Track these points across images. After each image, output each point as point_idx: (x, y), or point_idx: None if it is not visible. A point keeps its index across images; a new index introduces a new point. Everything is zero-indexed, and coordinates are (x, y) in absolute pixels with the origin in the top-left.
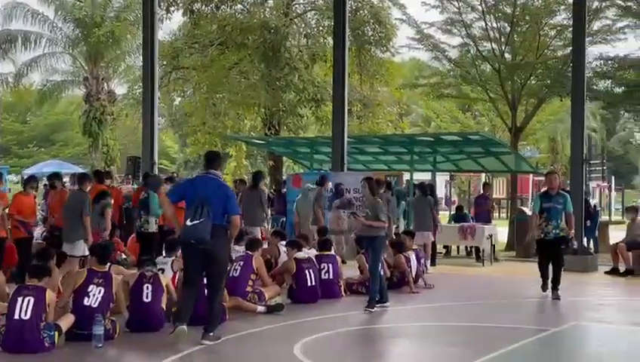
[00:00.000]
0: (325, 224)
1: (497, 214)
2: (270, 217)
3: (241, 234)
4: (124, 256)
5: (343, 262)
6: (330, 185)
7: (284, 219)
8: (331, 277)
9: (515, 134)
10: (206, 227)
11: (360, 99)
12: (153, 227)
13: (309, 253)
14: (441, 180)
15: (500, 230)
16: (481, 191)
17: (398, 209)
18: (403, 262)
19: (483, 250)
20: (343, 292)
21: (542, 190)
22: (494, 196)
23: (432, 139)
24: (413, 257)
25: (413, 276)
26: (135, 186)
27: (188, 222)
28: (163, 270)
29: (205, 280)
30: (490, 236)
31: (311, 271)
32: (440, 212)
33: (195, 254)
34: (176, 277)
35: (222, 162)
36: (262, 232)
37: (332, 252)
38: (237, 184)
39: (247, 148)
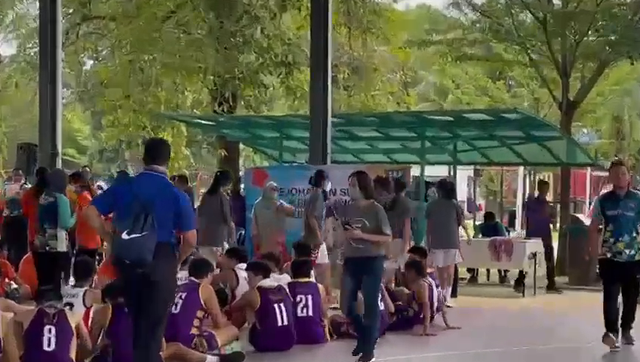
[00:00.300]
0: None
1: None
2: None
3: (244, 250)
4: (14, 285)
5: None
6: (329, 185)
7: (243, 232)
8: (311, 313)
9: (566, 112)
10: (148, 243)
11: (349, 62)
12: (62, 244)
13: (280, 279)
14: (462, 176)
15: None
16: (536, 194)
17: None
18: (426, 290)
19: (524, 274)
20: (327, 335)
21: (603, 190)
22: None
23: (450, 118)
24: (434, 285)
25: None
26: (28, 185)
27: (124, 236)
28: (72, 305)
29: (136, 320)
30: (534, 255)
31: (282, 305)
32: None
33: (131, 279)
34: (90, 315)
35: (169, 155)
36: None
37: (312, 278)
38: (175, 183)
39: (189, 131)
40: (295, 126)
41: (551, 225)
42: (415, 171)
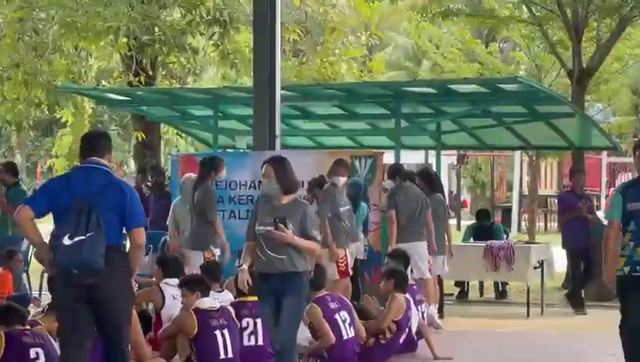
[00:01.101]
0: None
1: (545, 223)
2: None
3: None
4: None
5: None
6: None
7: (168, 238)
8: (260, 342)
9: (578, 81)
10: (96, 246)
11: (300, 20)
12: None
13: (222, 298)
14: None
15: (556, 252)
16: (566, 184)
17: (357, 214)
18: (403, 306)
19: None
20: None
21: (622, 182)
22: (540, 191)
23: (433, 90)
24: (412, 302)
25: (412, 333)
26: None
27: (65, 240)
28: None
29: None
30: (542, 263)
31: (225, 332)
32: None
33: (76, 295)
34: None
35: (110, 146)
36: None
37: None
38: None
39: (96, 109)
40: (234, 101)
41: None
42: (388, 158)
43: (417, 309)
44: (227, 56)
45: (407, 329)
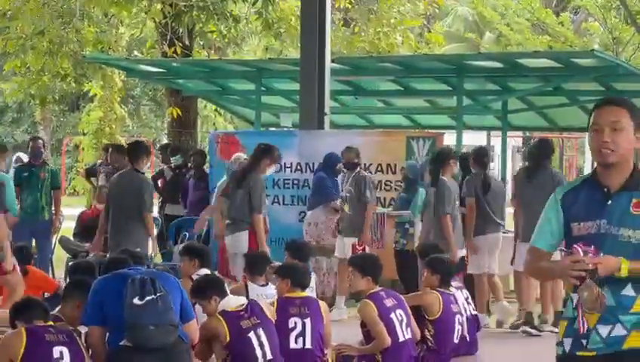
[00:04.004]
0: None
1: None
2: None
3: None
4: None
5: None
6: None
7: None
8: (309, 345)
9: None
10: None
11: None
12: None
13: (265, 293)
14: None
15: None
16: None
17: (414, 200)
18: (435, 305)
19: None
20: None
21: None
22: None
23: (499, 65)
24: (461, 301)
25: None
26: None
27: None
28: None
29: None
30: None
31: (260, 331)
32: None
33: None
34: None
35: None
36: None
37: (310, 293)
38: (109, 156)
39: (127, 81)
40: (278, 75)
41: None
42: (450, 139)
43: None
44: (271, 25)
45: (455, 330)
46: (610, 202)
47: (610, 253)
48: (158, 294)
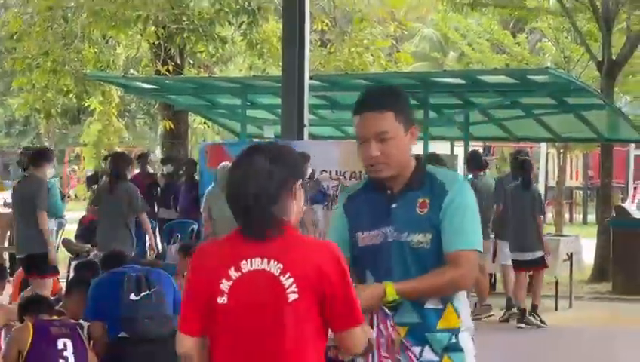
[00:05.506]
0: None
1: (570, 215)
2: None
3: None
4: None
5: None
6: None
7: (196, 227)
8: None
9: (607, 73)
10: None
11: (328, 11)
12: None
13: None
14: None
15: (584, 245)
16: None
17: None
18: None
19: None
20: None
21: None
22: (567, 183)
23: (462, 81)
24: None
25: None
26: None
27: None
28: None
29: None
30: (570, 256)
31: None
32: None
33: None
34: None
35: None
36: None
37: None
38: (108, 165)
39: (124, 97)
40: (262, 91)
41: None
42: (416, 149)
43: None
44: (255, 45)
45: None
46: (394, 206)
47: (402, 264)
48: (152, 289)
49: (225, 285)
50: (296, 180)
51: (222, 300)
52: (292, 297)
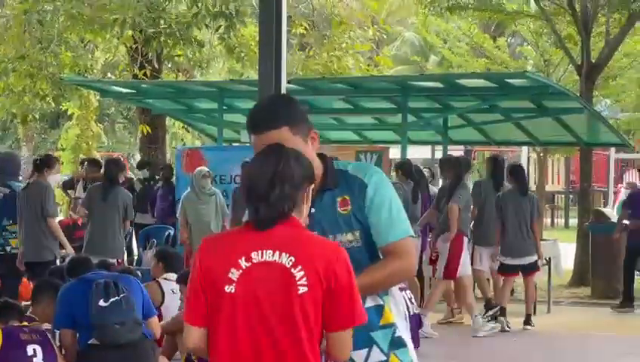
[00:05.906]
0: None
1: (551, 219)
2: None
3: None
4: None
5: None
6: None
7: (172, 232)
8: None
9: (587, 77)
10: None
11: (307, 14)
12: None
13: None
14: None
15: (563, 249)
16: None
17: None
18: None
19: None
20: None
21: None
22: (546, 188)
23: (440, 85)
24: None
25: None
26: None
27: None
28: None
29: None
30: (548, 261)
31: None
32: None
33: None
34: None
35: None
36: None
37: None
38: (86, 170)
39: (101, 102)
40: (239, 94)
41: None
42: (394, 153)
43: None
44: (233, 49)
45: None
46: (313, 210)
47: None
48: (121, 295)
49: (234, 274)
50: (310, 184)
51: (229, 289)
52: (302, 290)
